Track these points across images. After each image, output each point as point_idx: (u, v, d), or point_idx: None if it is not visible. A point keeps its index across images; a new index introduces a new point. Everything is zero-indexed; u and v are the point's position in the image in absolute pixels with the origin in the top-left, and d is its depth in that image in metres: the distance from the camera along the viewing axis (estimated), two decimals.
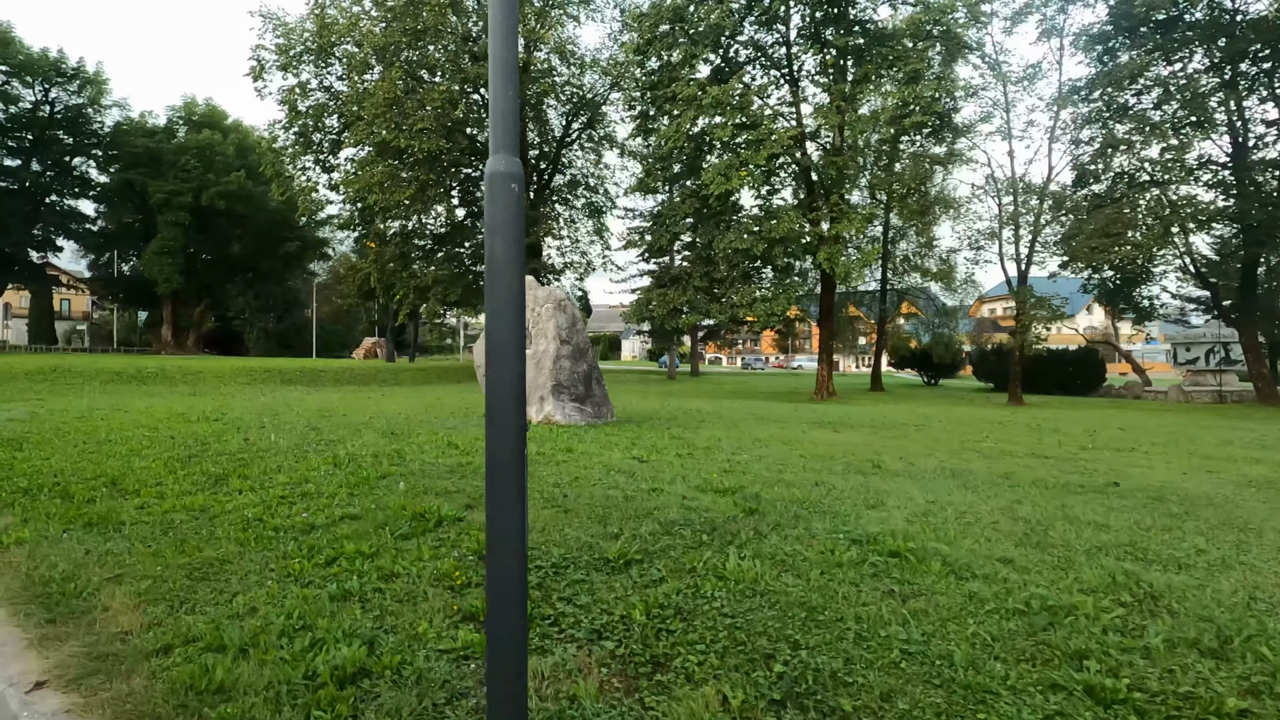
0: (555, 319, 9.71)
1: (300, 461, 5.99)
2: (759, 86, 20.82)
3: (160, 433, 7.67)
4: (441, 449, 6.60)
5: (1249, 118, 21.58)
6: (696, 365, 51.50)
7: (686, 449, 7.29)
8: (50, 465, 6.05)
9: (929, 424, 12.67)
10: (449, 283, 30.47)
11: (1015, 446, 8.64)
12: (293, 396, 16.60)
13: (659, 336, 59.31)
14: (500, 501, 1.91)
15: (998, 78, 21.03)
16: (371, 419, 9.47)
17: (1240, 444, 9.86)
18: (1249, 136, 22.35)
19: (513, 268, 2.01)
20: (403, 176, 26.03)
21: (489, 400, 1.98)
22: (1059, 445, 8.99)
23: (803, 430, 10.79)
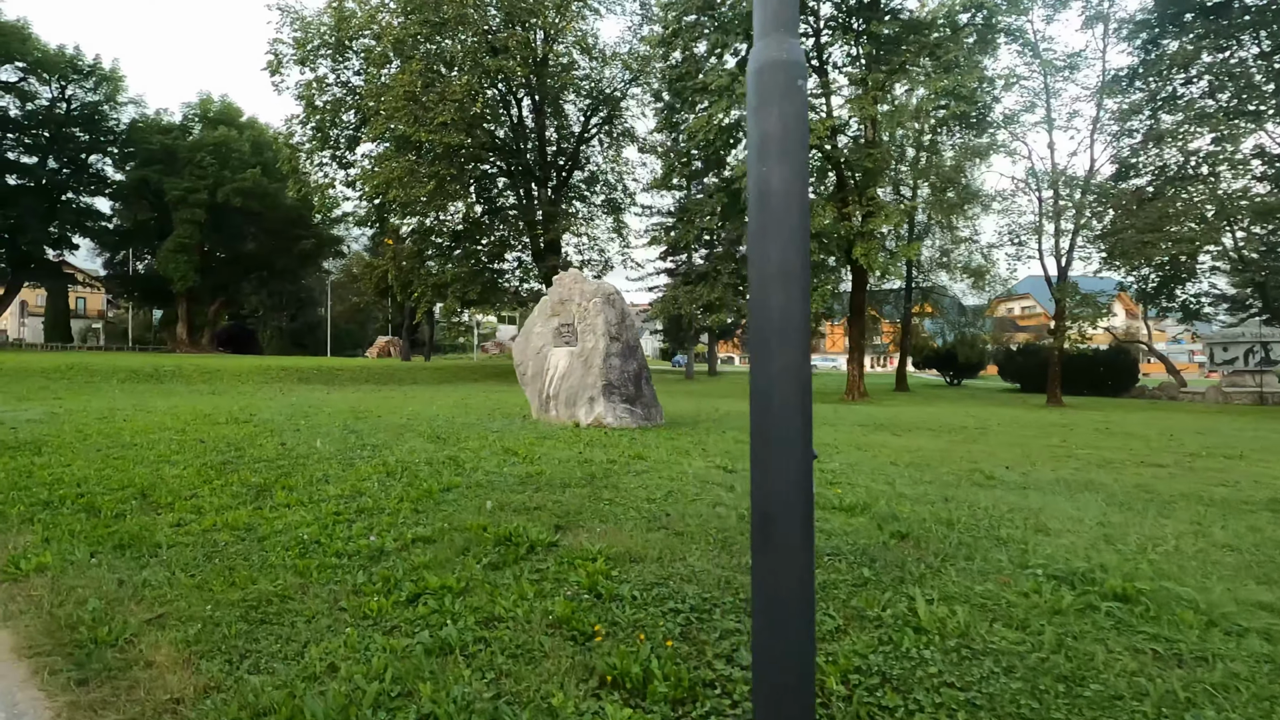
0: (604, 314, 9.08)
1: (348, 470, 5.38)
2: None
3: (188, 436, 7.10)
4: (499, 456, 5.98)
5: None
6: (714, 364, 50.77)
7: None
8: (72, 473, 5.47)
9: (989, 427, 11.95)
10: (467, 280, 29.91)
11: (1110, 453, 7.93)
12: (315, 396, 16.07)
13: (675, 336, 58.73)
14: (779, 551, 1.30)
15: (1043, 65, 20.20)
16: (409, 421, 8.87)
17: None
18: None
19: (795, 204, 1.37)
20: (422, 172, 25.46)
21: (755, 409, 1.37)
22: (1160, 450, 8.27)
23: (862, 433, 10.12)
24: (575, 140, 33.66)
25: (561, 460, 5.78)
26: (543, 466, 5.42)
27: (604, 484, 4.80)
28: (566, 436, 7.50)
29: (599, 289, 9.31)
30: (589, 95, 32.55)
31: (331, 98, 30.45)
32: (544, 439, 7.19)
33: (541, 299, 10.13)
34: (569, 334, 9.41)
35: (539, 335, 9.87)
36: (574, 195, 35.47)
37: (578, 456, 5.98)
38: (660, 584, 2.99)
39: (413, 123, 24.55)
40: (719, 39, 20.05)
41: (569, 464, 5.58)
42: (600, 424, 8.71)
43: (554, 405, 9.36)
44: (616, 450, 6.48)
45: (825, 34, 23.04)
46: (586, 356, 9.07)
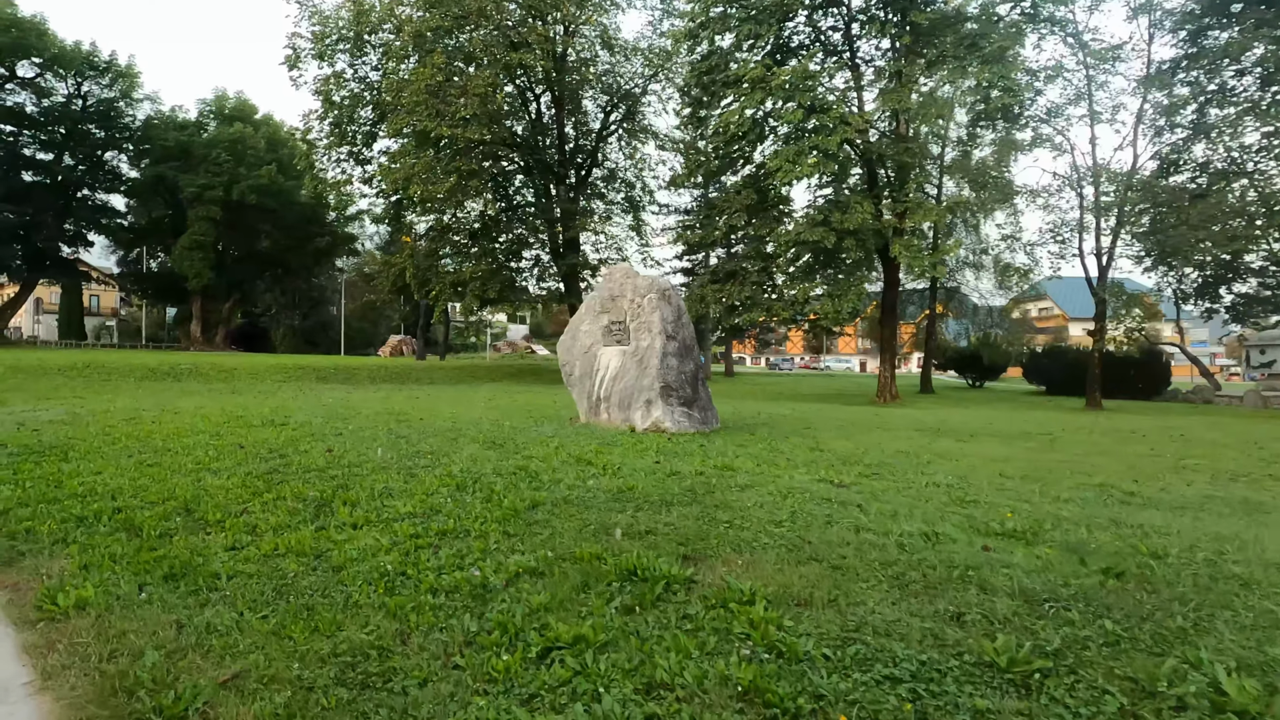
0: (660, 310, 8.50)
1: (411, 481, 4.82)
2: (827, 68, 19.50)
3: (224, 440, 6.56)
4: (574, 466, 5.40)
5: None
6: (730, 365, 50.14)
7: (853, 466, 6.04)
8: (105, 482, 4.93)
9: (1054, 433, 11.31)
10: (486, 278, 29.39)
11: (1221, 463, 7.29)
12: (341, 396, 15.56)
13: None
14: None
15: (1092, 55, 19.47)
16: (455, 424, 8.31)
17: None
18: None
19: None
20: (442, 167, 24.97)
21: None
22: (1271, 460, 7.62)
23: (926, 439, 9.50)
24: (595, 137, 33.09)
25: (644, 471, 5.20)
26: (629, 479, 4.83)
27: (711, 502, 4.21)
28: (629, 442, 6.92)
29: (653, 284, 8.73)
30: (609, 91, 31.99)
31: (349, 93, 30.05)
32: (609, 445, 6.62)
33: (588, 296, 9.56)
34: (620, 332, 8.84)
35: (587, 334, 9.30)
36: (593, 193, 34.91)
37: (659, 467, 5.39)
38: (851, 638, 2.40)
39: (434, 117, 24.06)
40: (751, 29, 19.44)
41: (656, 476, 5.00)
42: (658, 428, 8.13)
43: (605, 408, 8.79)
44: (695, 459, 5.89)
45: (855, 26, 22.43)
46: (641, 356, 8.49)
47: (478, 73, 25.34)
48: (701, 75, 22.43)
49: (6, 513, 4.30)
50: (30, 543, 3.73)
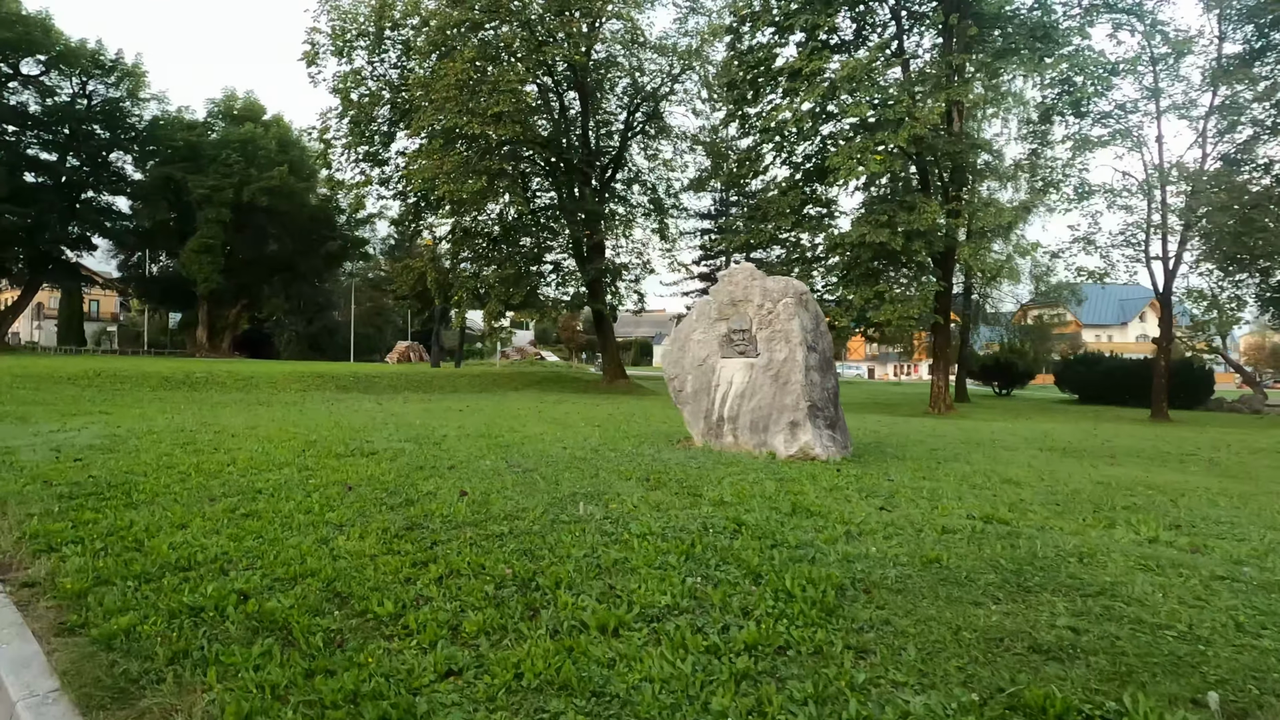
0: (799, 318, 7.35)
1: (614, 545, 3.64)
2: (887, 60, 18.44)
3: (318, 476, 5.37)
4: (795, 518, 4.22)
5: None
6: None
7: (1106, 510, 4.89)
8: (200, 543, 3.75)
9: (1186, 452, 10.19)
10: (512, 283, 28.25)
11: None
12: (378, 409, 14.35)
13: None
14: None
15: (1170, 45, 18.44)
16: (563, 447, 7.13)
17: None
18: None
19: None
20: (473, 166, 23.83)
21: None
22: None
23: (1071, 463, 8.36)
24: (619, 137, 32.03)
25: (891, 525, 4.03)
26: (902, 541, 3.66)
27: (1076, 585, 3.04)
28: (797, 475, 5.75)
29: (788, 287, 7.57)
30: (634, 89, 30.92)
31: (367, 91, 28.96)
32: (785, 480, 5.44)
33: (700, 300, 8.40)
34: (744, 342, 7.68)
35: (700, 344, 8.14)
36: (617, 196, 33.82)
37: (904, 519, 4.22)
38: None
39: (465, 114, 22.93)
40: (812, 19, 18.36)
41: (925, 534, 3.83)
42: (807, 455, 6.96)
43: (731, 429, 7.62)
44: (914, 504, 4.72)
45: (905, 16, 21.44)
46: (777, 370, 7.32)
47: (509, 66, 24.24)
48: (750, 69, 21.37)
49: (84, 596, 3.12)
50: (139, 659, 2.54)
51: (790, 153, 23.02)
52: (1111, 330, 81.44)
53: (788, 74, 19.19)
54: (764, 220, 22.52)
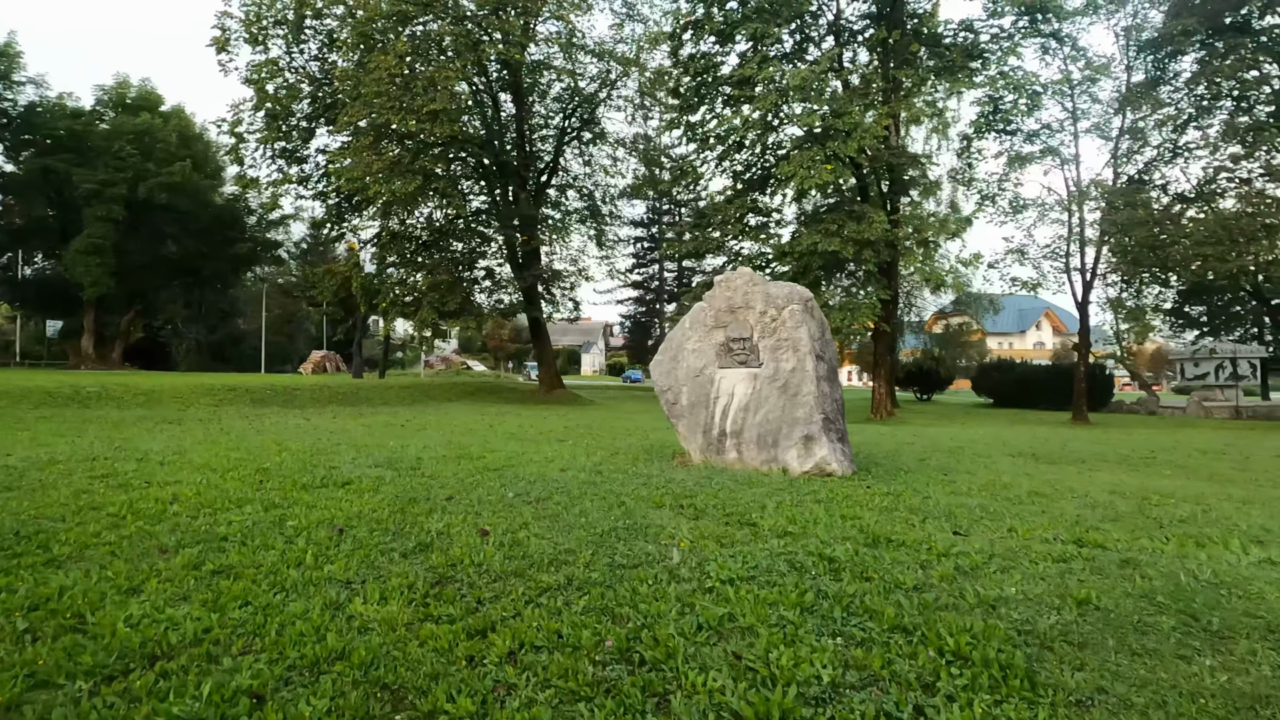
0: (806, 326, 6.96)
1: (710, 596, 3.05)
2: (831, 71, 18.69)
3: (293, 515, 4.47)
4: (894, 551, 3.74)
5: None
6: None
7: (1175, 527, 4.69)
8: (168, 617, 2.88)
9: (1157, 456, 10.54)
10: (445, 290, 26.90)
11: None
12: (310, 425, 13.04)
13: (640, 350, 56.74)
14: None
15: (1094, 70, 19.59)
16: (560, 470, 6.41)
17: None
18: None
19: None
20: (407, 166, 22.50)
21: None
22: None
23: (1042, 468, 8.39)
24: (556, 140, 31.30)
25: (996, 556, 3.61)
26: (1037, 581, 3.24)
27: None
28: (837, 496, 5.32)
29: (793, 293, 7.17)
30: (572, 93, 30.29)
31: (285, 83, 27.01)
32: (850, 505, 4.98)
33: (695, 307, 7.89)
34: (745, 351, 7.23)
35: (695, 353, 7.62)
36: (551, 201, 33.04)
37: (1000, 548, 3.82)
38: None
39: (398, 110, 21.60)
40: (761, 29, 18.34)
41: (1039, 567, 3.43)
42: (823, 471, 6.56)
43: (735, 444, 7.13)
44: (995, 526, 4.35)
45: (847, 35, 21.93)
46: (785, 381, 6.90)
47: (445, 63, 23.09)
48: (695, 75, 21.20)
49: (16, 710, 2.24)
50: None
51: (734, 160, 23.03)
52: (1012, 338, 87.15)
53: (736, 81, 19.10)
54: (710, 228, 22.37)
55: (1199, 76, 21.37)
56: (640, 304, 50.43)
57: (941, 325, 50.14)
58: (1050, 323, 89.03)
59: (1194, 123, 21.36)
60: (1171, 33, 20.95)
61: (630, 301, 50.29)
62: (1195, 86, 21.32)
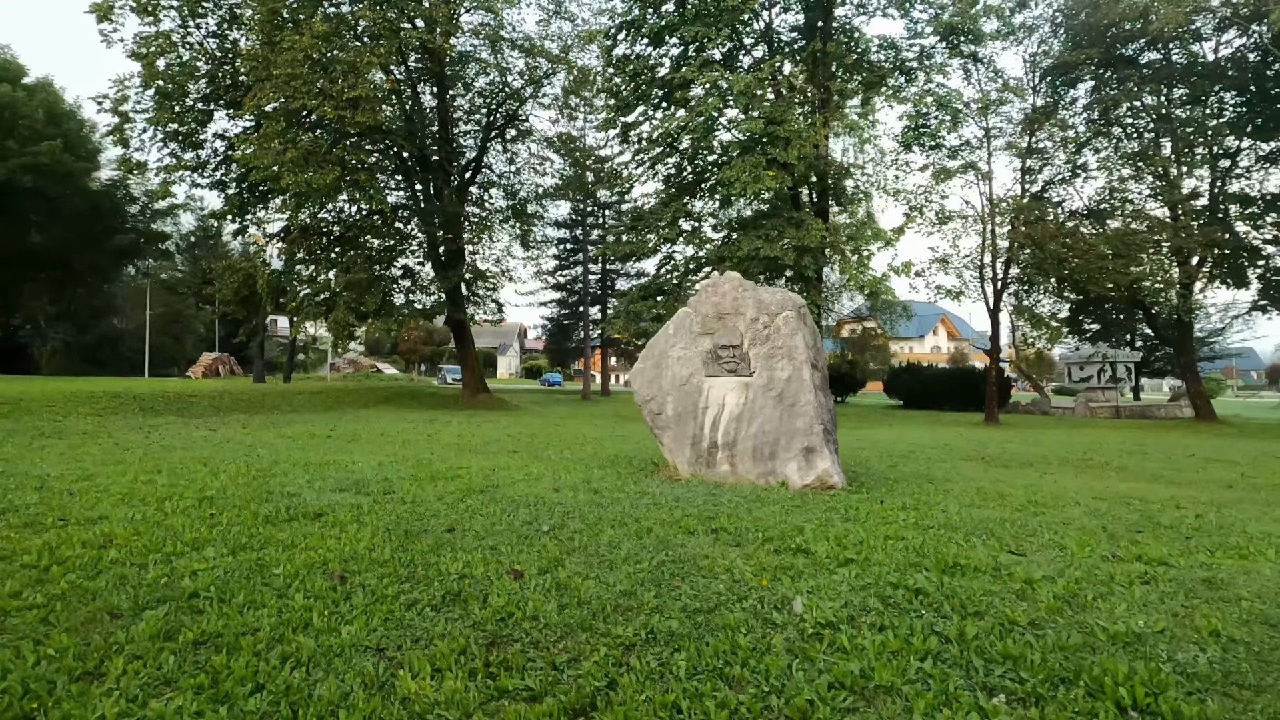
0: (801, 333, 6.75)
1: (825, 647, 2.68)
2: (784, 78, 18.91)
3: (271, 559, 3.75)
4: (980, 577, 3.49)
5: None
6: (607, 383, 48.72)
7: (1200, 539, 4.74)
8: (157, 714, 2.21)
9: (1094, 457, 11.11)
10: (364, 289, 25.30)
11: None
12: (212, 434, 11.68)
13: (562, 353, 55.80)
14: None
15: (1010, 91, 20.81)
16: (561, 491, 5.86)
17: None
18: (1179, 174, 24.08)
19: None
20: (325, 155, 20.92)
21: None
22: None
23: (1003, 473, 8.64)
24: (481, 136, 30.21)
25: (1077, 582, 3.45)
26: (1153, 610, 3.06)
27: None
28: (860, 513, 5.09)
29: (786, 300, 6.95)
30: (498, 88, 29.31)
31: (179, 59, 24.58)
32: (884, 523, 4.73)
33: (679, 313, 7.53)
34: (734, 359, 6.94)
35: (681, 361, 7.26)
36: (474, 199, 31.87)
37: (1073, 572, 3.66)
38: None
39: (314, 95, 20.03)
40: (700, 32, 18.28)
41: (1131, 591, 3.28)
42: (825, 484, 6.34)
43: (727, 457, 6.81)
44: (1042, 543, 4.22)
45: (778, 45, 22.32)
46: (781, 391, 6.65)
47: (370, 47, 21.64)
48: (631, 77, 20.91)
49: None
50: None
51: (666, 164, 22.93)
52: (912, 342, 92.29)
53: (677, 84, 18.96)
54: (646, 230, 22.13)
55: (1092, 104, 23.17)
56: (563, 306, 49.56)
57: (849, 330, 52.45)
58: (946, 328, 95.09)
59: (1089, 146, 23.15)
60: (1067, 61, 22.60)
61: (553, 304, 49.32)
62: (1090, 112, 23.11)
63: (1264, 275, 23.42)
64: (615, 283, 47.13)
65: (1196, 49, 22.47)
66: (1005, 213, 21.91)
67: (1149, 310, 25.06)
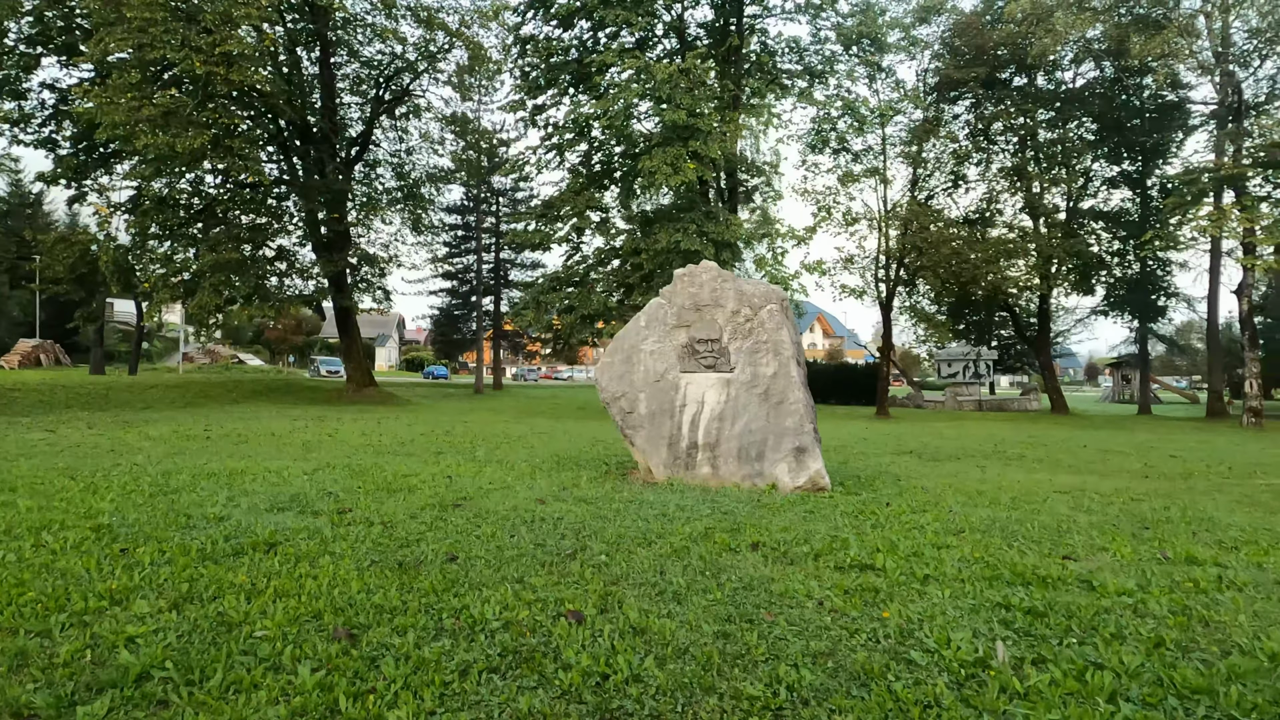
0: (786, 328, 6.43)
1: (1010, 696, 2.28)
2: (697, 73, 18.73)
3: (242, 617, 2.85)
4: (1090, 594, 3.23)
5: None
6: (499, 377, 47.03)
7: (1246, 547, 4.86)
8: None
9: (1008, 450, 11.75)
10: (234, 270, 22.56)
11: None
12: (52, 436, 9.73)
13: (449, 344, 53.19)
14: None
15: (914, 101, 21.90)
16: (548, 505, 5.14)
17: None
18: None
19: None
20: (192, 116, 18.29)
21: None
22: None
23: (947, 466, 8.92)
24: (370, 110, 27.94)
25: (1171, 592, 3.30)
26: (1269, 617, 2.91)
27: None
28: (884, 518, 4.83)
29: (770, 292, 6.59)
30: (390, 59, 27.20)
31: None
32: (885, 526, 4.45)
33: (652, 303, 6.99)
34: (713, 354, 6.52)
35: (655, 355, 6.73)
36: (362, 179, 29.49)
37: (1155, 580, 3.53)
38: None
39: (180, 46, 17.40)
40: (620, 15, 17.69)
41: (1216, 601, 3.16)
42: (817, 486, 6.05)
43: (708, 459, 6.37)
44: (1091, 547, 4.11)
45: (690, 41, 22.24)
46: (766, 388, 6.30)
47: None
48: (545, 57, 19.97)
49: None
50: None
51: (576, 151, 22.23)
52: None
53: (595, 68, 18.30)
54: (556, 219, 21.31)
55: (974, 120, 25.00)
56: (453, 296, 47.21)
57: None
58: (821, 326, 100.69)
59: (969, 159, 24.99)
60: (954, 79, 24.23)
61: (443, 293, 46.87)
62: (969, 128, 24.93)
63: (1107, 283, 26.32)
64: (509, 273, 45.53)
65: (1060, 77, 24.82)
66: (898, 216, 23.16)
67: (1014, 312, 27.48)
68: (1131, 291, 26.25)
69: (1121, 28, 20.19)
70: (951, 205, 26.57)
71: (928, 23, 22.90)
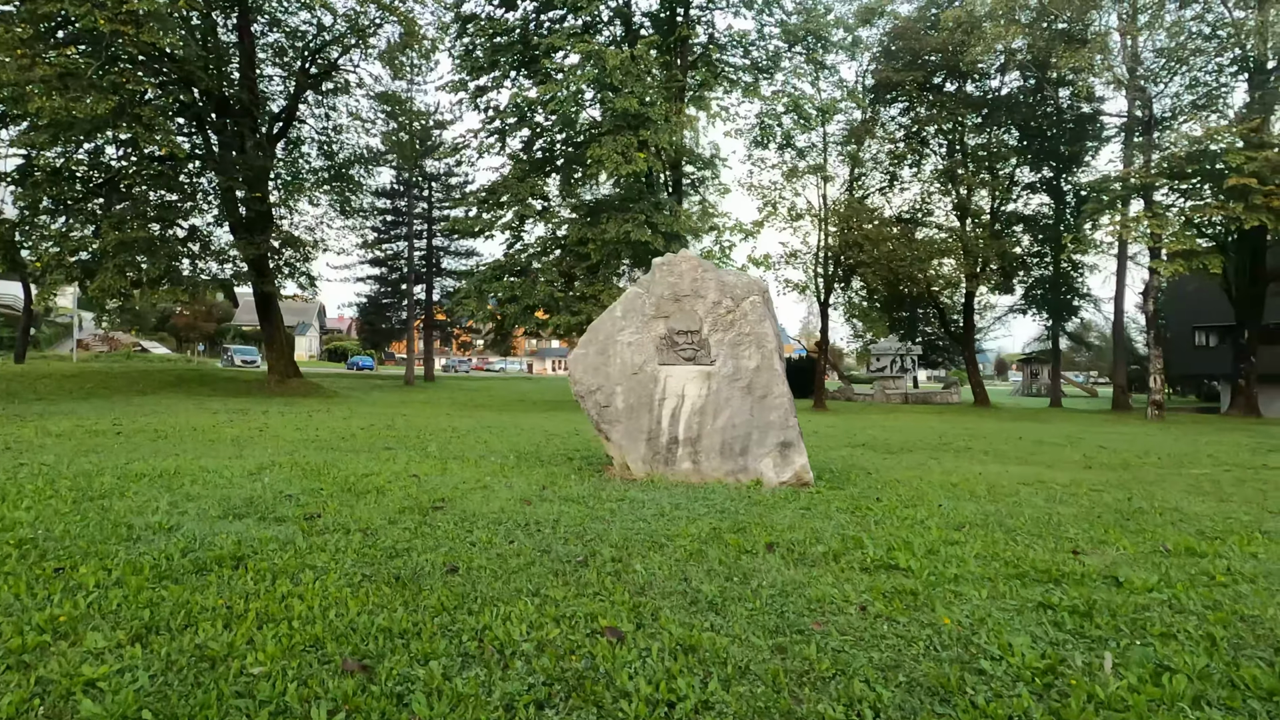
0: (769, 320, 6.30)
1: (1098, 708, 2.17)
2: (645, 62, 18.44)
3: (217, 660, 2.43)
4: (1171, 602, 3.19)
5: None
6: (430, 368, 45.54)
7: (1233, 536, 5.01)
8: None
9: (954, 443, 12.12)
10: (142, 251, 20.77)
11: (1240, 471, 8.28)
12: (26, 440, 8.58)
13: (376, 334, 51.01)
14: None
15: (855, 101, 22.34)
16: (535, 508, 4.80)
17: None
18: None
19: None
20: (94, 80, 16.59)
21: None
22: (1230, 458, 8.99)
23: (905, 458, 9.11)
24: (294, 84, 26.31)
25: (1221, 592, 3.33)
26: None
27: None
28: (889, 518, 4.76)
29: (752, 284, 6.44)
30: (316, 31, 25.67)
31: None
32: (885, 523, 4.37)
33: (629, 292, 6.71)
34: (692, 346, 6.33)
35: (632, 347, 6.47)
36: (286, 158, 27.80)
37: (1174, 574, 3.55)
38: None
39: (79, 1, 15.69)
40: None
41: (1260, 601, 3.20)
42: (801, 481, 5.95)
43: (689, 454, 6.17)
44: (1093, 544, 4.14)
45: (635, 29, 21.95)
46: (749, 382, 6.15)
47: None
48: (489, 37, 19.22)
49: None
50: None
51: (518, 136, 21.61)
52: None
53: (543, 51, 17.74)
54: (500, 207, 20.63)
55: (908, 123, 25.82)
56: (382, 283, 45.28)
57: None
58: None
59: (904, 160, 25.83)
60: (890, 81, 24.94)
61: (371, 280, 44.87)
62: (907, 130, 25.74)
63: (1025, 283, 27.79)
64: (443, 260, 44.06)
65: (989, 84, 25.96)
66: (838, 214, 23.70)
67: (941, 309, 28.66)
68: (1048, 291, 27.89)
69: (1045, 41, 21.25)
70: (886, 205, 27.46)
71: (870, 24, 23.47)
